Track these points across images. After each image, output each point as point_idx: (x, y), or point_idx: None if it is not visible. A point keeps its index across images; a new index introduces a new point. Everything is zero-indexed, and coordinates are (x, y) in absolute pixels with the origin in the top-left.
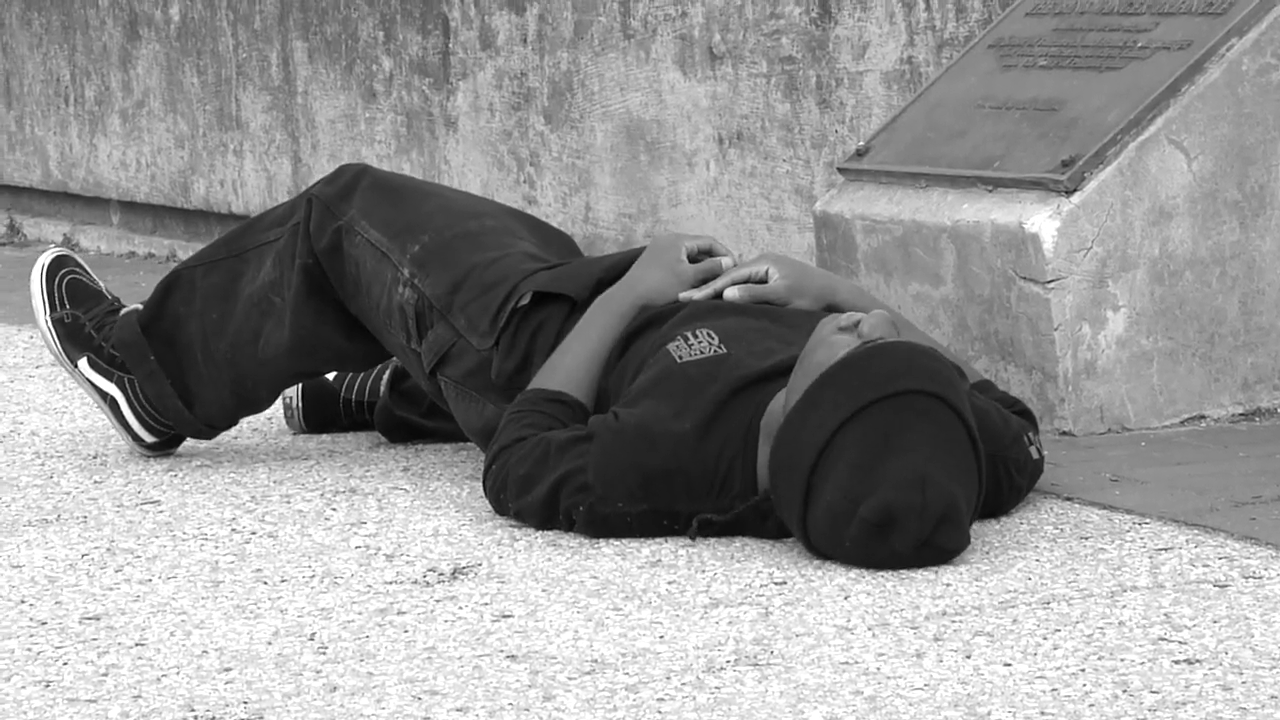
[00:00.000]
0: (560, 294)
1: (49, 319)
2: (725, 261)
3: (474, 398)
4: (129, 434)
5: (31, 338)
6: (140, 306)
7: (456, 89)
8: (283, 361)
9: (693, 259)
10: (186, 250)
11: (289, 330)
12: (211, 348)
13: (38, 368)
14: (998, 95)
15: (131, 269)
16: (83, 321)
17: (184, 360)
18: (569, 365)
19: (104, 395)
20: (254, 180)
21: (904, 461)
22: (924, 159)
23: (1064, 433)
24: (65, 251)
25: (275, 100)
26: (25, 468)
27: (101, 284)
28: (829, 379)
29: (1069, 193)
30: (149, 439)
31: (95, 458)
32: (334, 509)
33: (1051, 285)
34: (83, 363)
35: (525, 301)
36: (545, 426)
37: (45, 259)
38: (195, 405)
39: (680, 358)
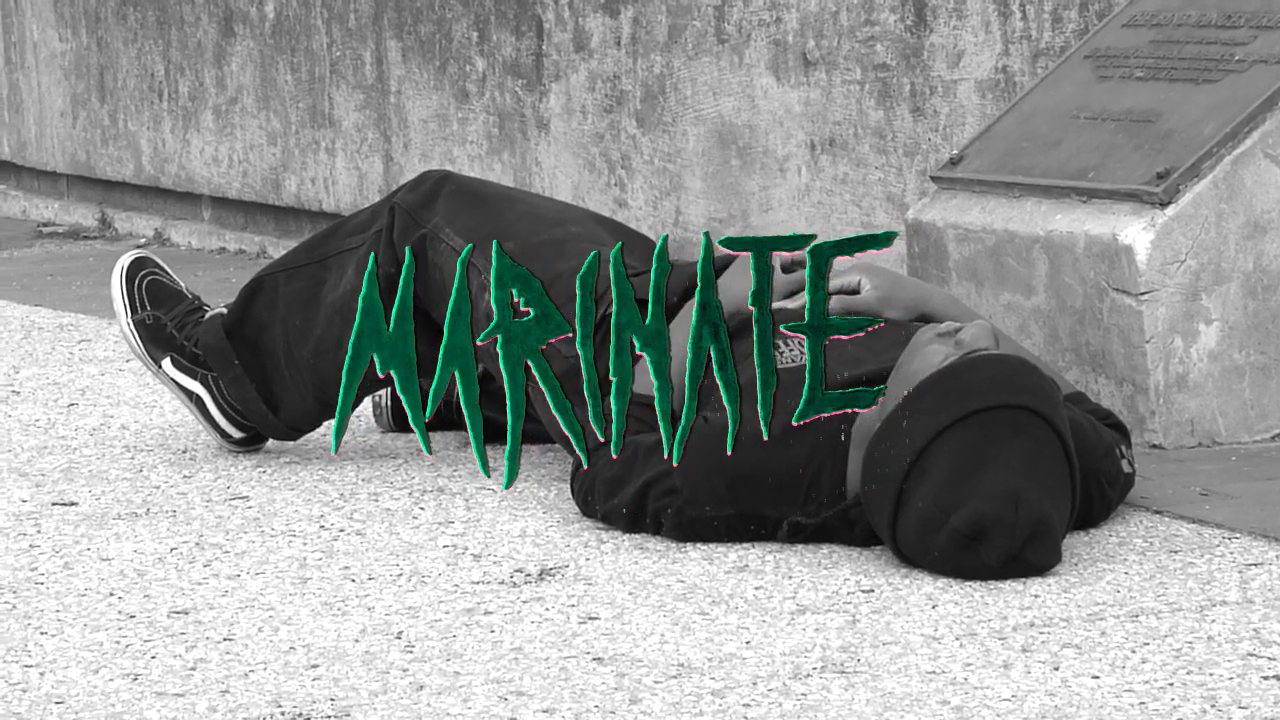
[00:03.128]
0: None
1: (130, 321)
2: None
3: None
4: (216, 430)
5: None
6: (224, 310)
7: (549, 91)
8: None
9: (785, 269)
10: (277, 247)
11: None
12: (295, 353)
13: (128, 361)
14: (1093, 106)
15: (221, 265)
16: (164, 322)
17: (268, 365)
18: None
19: (189, 394)
20: (345, 179)
21: (999, 475)
22: (1018, 169)
23: (1154, 446)
24: (144, 252)
25: (368, 99)
26: (115, 461)
27: (181, 283)
28: (928, 387)
29: (1163, 205)
30: (236, 435)
31: (185, 452)
32: (422, 508)
33: (1144, 297)
34: (166, 363)
35: (615, 308)
36: (633, 430)
37: (124, 261)
38: (280, 409)
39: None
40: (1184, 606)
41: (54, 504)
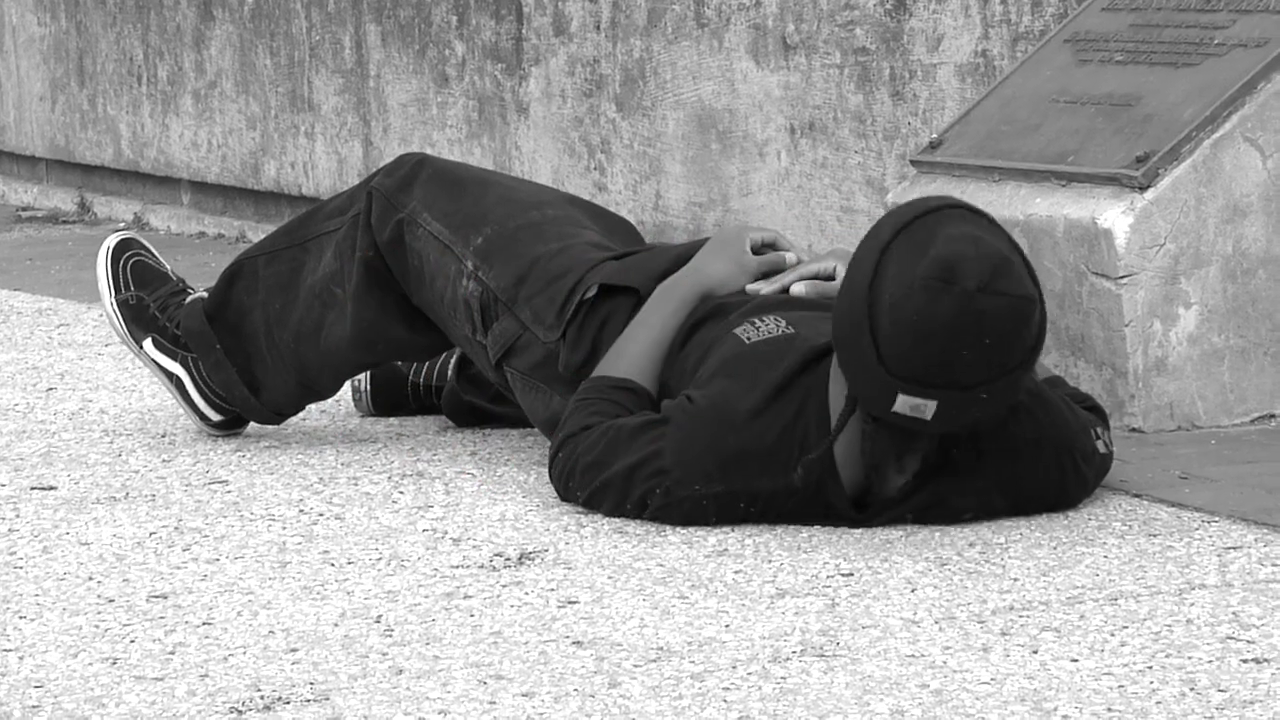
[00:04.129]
0: (627, 286)
1: (114, 301)
2: (789, 257)
3: (541, 389)
4: (196, 413)
5: (101, 316)
6: (205, 294)
7: (529, 75)
8: (345, 352)
9: (757, 251)
10: (256, 231)
11: (351, 322)
12: (275, 337)
13: (107, 346)
14: (1073, 90)
15: (201, 249)
16: (147, 303)
17: (249, 348)
18: (634, 353)
19: (170, 375)
20: (325, 163)
21: (952, 232)
22: (997, 153)
23: (1133, 429)
24: (130, 234)
25: (347, 83)
26: (94, 445)
27: (167, 265)
28: (868, 235)
29: (1143, 189)
30: (215, 417)
31: (164, 437)
32: (401, 492)
33: (1124, 281)
34: (148, 343)
35: (592, 293)
36: (612, 414)
37: (110, 242)
38: (261, 392)
39: (749, 339)
40: (1163, 590)
41: (33, 488)
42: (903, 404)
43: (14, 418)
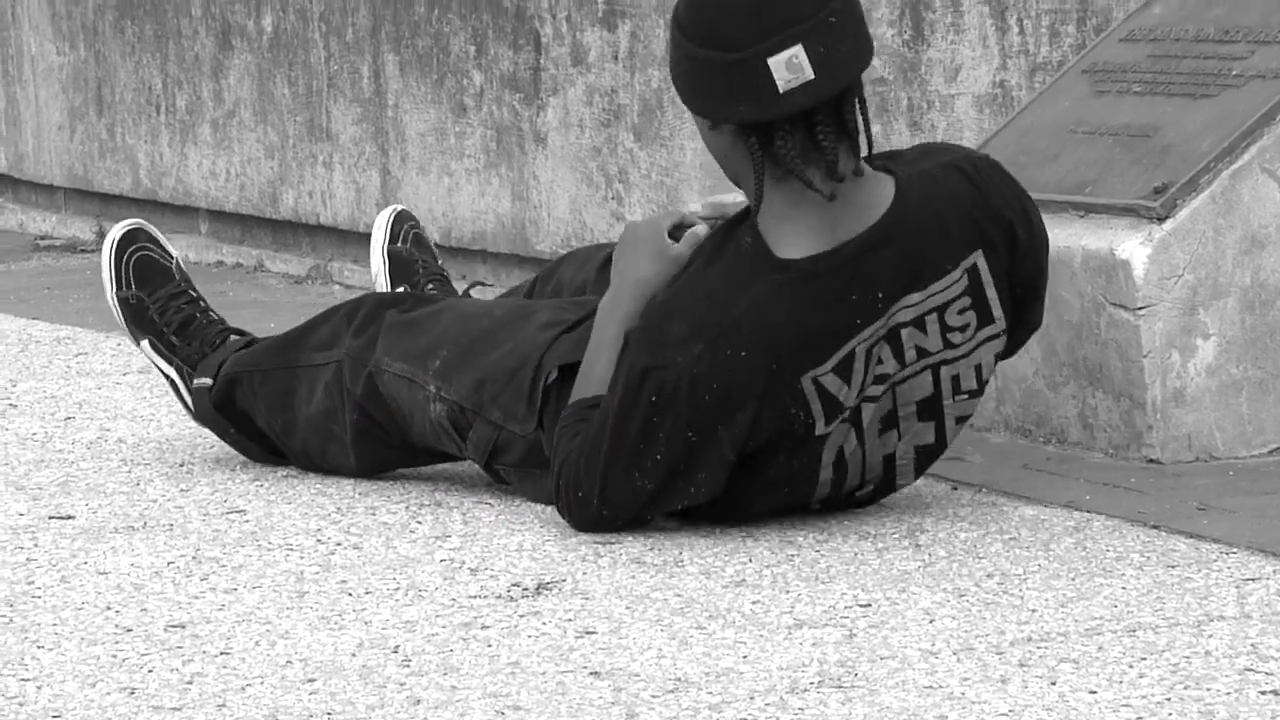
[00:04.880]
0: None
1: (115, 296)
2: (701, 230)
3: (536, 474)
4: (188, 412)
5: (119, 344)
6: (209, 383)
7: (547, 105)
8: (354, 473)
9: (673, 236)
10: (274, 261)
11: (354, 459)
12: (282, 442)
13: (125, 375)
14: (1091, 120)
15: (219, 278)
16: (147, 305)
17: (263, 436)
18: (600, 373)
19: (165, 375)
20: (343, 192)
21: None
22: None
23: (1151, 460)
24: (138, 225)
25: (366, 112)
26: (112, 474)
27: (174, 257)
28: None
29: (1161, 219)
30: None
31: (181, 466)
32: (419, 522)
33: (1141, 312)
34: (145, 344)
35: (554, 377)
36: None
37: (116, 234)
38: (283, 457)
39: None
40: (1181, 621)
41: (51, 517)
42: (779, 71)
43: (32, 446)
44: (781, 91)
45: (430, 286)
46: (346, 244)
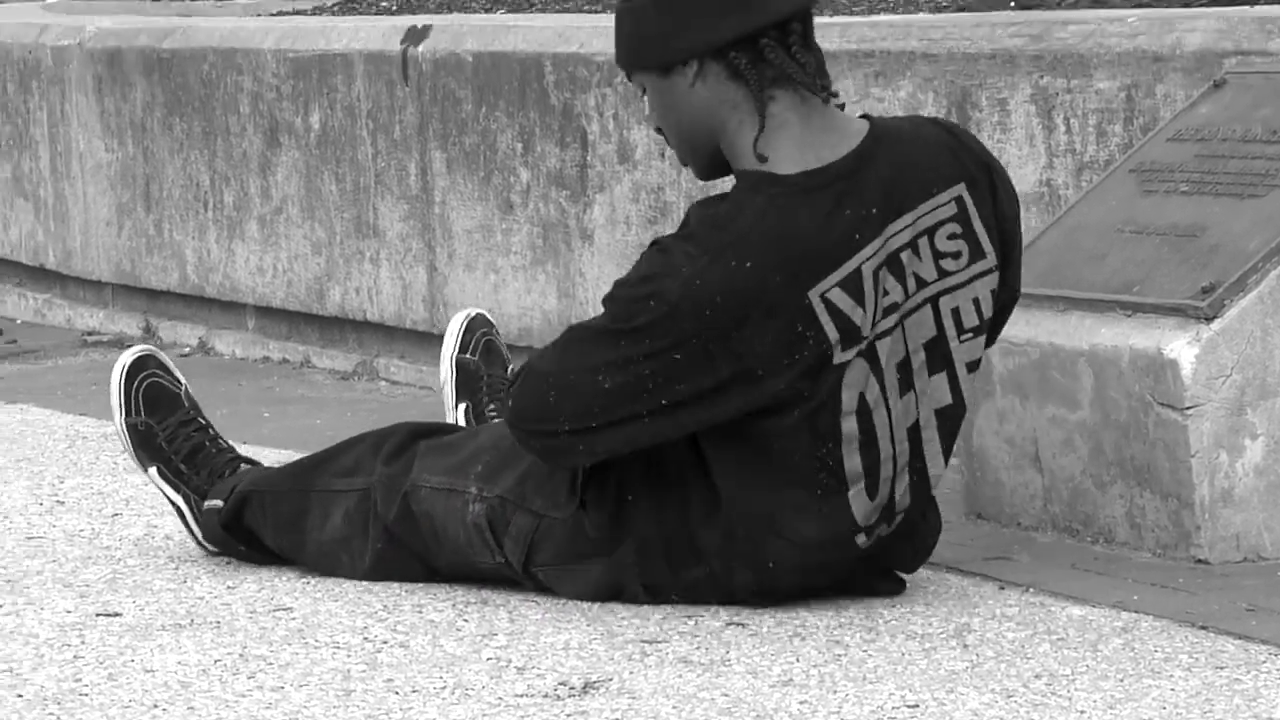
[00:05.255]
0: None
1: (123, 422)
2: None
3: (574, 570)
4: (194, 539)
5: None
6: (220, 504)
7: (593, 201)
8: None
9: None
10: (320, 357)
11: (365, 581)
12: (290, 559)
13: None
14: (1138, 220)
15: (265, 374)
16: (155, 431)
17: (271, 554)
18: None
19: (171, 502)
20: (389, 289)
21: None
22: (1063, 282)
23: (1199, 560)
24: (148, 352)
25: (412, 209)
26: (159, 572)
27: (182, 384)
28: None
29: (1209, 319)
30: (211, 548)
31: (228, 563)
32: (465, 620)
33: (1189, 412)
34: (152, 471)
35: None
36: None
37: (126, 360)
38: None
39: None
40: None
41: (98, 615)
42: None
43: (79, 543)
44: None
45: (492, 408)
46: (393, 340)
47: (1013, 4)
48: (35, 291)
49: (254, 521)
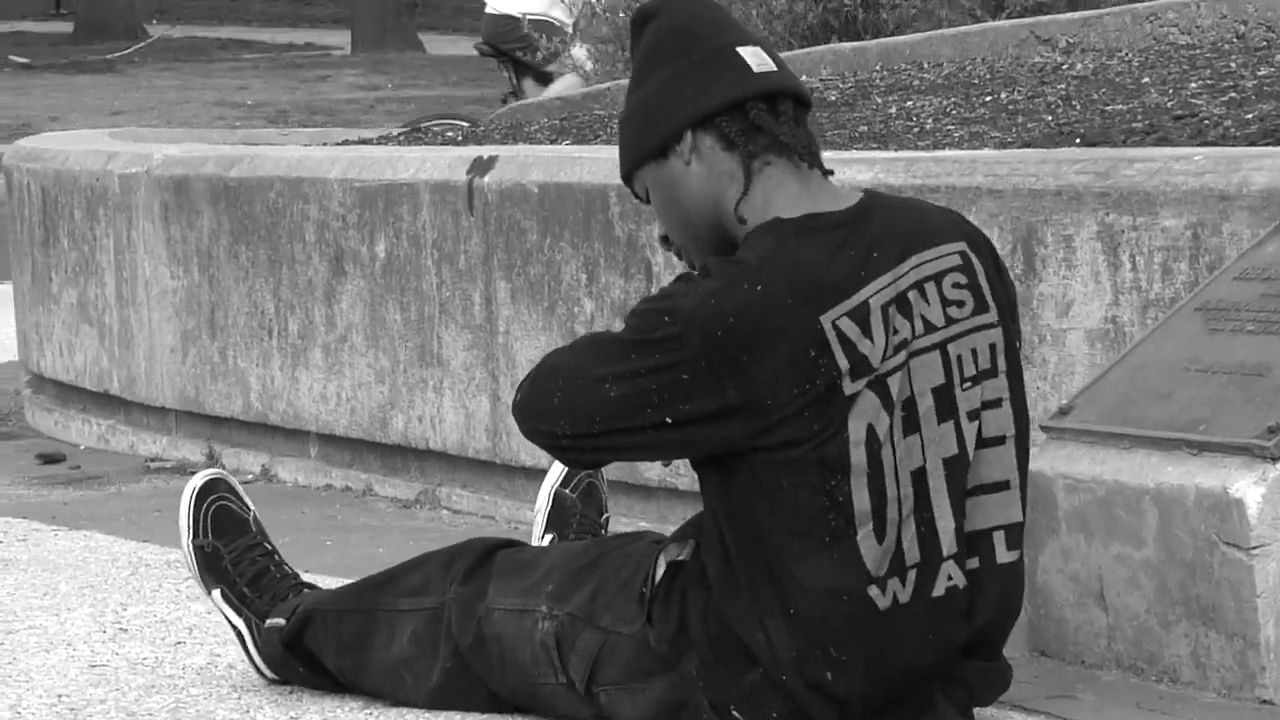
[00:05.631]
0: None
1: (190, 544)
2: None
3: (635, 689)
4: (254, 666)
5: None
6: (281, 623)
7: None
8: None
9: None
10: (383, 485)
11: (425, 704)
12: (350, 683)
13: None
14: (1204, 358)
15: (328, 502)
16: (222, 554)
17: (330, 677)
18: None
19: (233, 625)
20: (453, 417)
21: None
22: (1128, 420)
23: (1265, 701)
24: (219, 475)
25: (476, 339)
26: (222, 701)
27: (250, 509)
28: None
29: (1275, 459)
30: (270, 675)
31: (291, 693)
32: None
33: (1255, 552)
34: (216, 593)
35: (662, 570)
36: None
37: (196, 482)
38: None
39: None
40: None
41: None
42: (749, 57)
43: (142, 671)
44: (756, 71)
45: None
46: (456, 469)
47: (1078, 140)
48: (99, 417)
49: (315, 642)
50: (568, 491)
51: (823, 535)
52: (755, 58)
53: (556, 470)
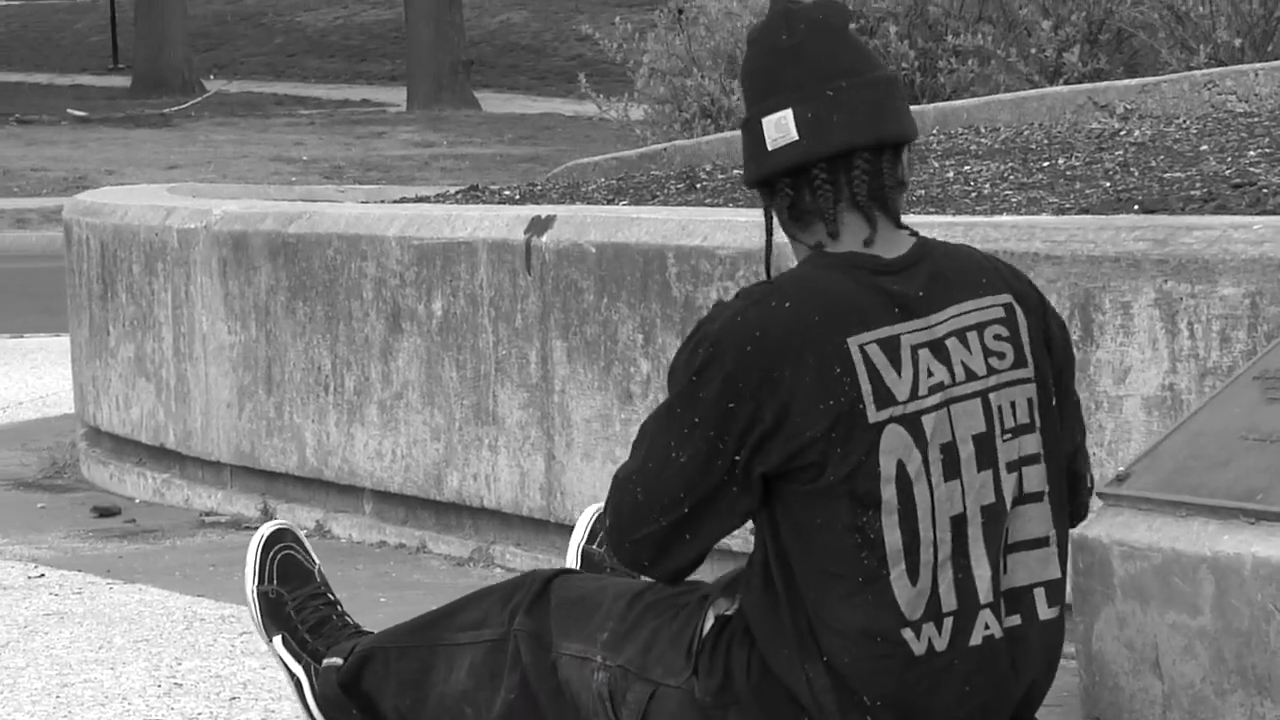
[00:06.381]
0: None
1: (255, 590)
2: None
3: None
4: (309, 716)
5: None
6: (339, 662)
7: None
8: None
9: None
10: (437, 543)
11: None
12: None
13: None
14: (1262, 427)
15: (382, 559)
16: (285, 600)
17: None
18: None
19: (292, 675)
20: (507, 476)
21: None
22: (1185, 488)
23: None
24: (286, 525)
25: (532, 397)
26: None
27: (315, 561)
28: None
29: None
30: None
31: None
32: None
33: None
34: (277, 640)
35: (709, 623)
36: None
37: (265, 531)
38: None
39: None
40: None
41: None
42: (769, 130)
43: None
44: (769, 149)
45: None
46: (509, 528)
47: (1136, 207)
48: (154, 471)
49: (374, 682)
50: (595, 548)
51: (856, 575)
52: (776, 130)
53: (581, 529)
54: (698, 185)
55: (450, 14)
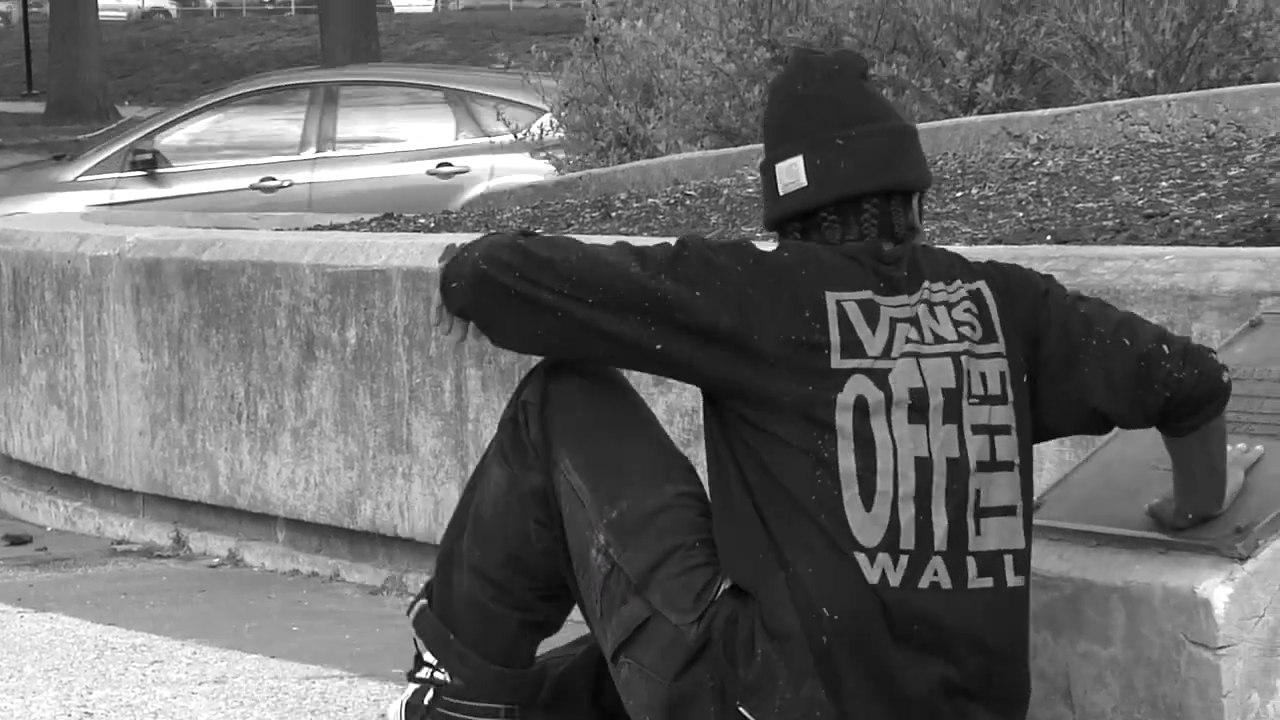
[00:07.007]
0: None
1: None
2: None
3: (653, 679)
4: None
5: (194, 652)
6: (425, 602)
7: None
8: (511, 531)
9: None
10: (351, 571)
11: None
12: (479, 579)
13: (200, 684)
14: None
15: (295, 587)
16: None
17: (470, 621)
18: None
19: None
20: (421, 504)
21: None
22: (1096, 518)
23: None
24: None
25: (446, 426)
26: None
27: None
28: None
29: (1242, 559)
30: None
31: None
32: None
33: (1222, 652)
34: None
35: (726, 587)
36: None
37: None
38: (500, 656)
39: None
40: None
41: None
42: (781, 175)
43: None
44: (780, 194)
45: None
46: (423, 556)
47: (1049, 238)
48: (66, 499)
49: (449, 576)
50: None
51: (809, 494)
52: (787, 176)
53: None
54: (612, 214)
55: (366, 41)
